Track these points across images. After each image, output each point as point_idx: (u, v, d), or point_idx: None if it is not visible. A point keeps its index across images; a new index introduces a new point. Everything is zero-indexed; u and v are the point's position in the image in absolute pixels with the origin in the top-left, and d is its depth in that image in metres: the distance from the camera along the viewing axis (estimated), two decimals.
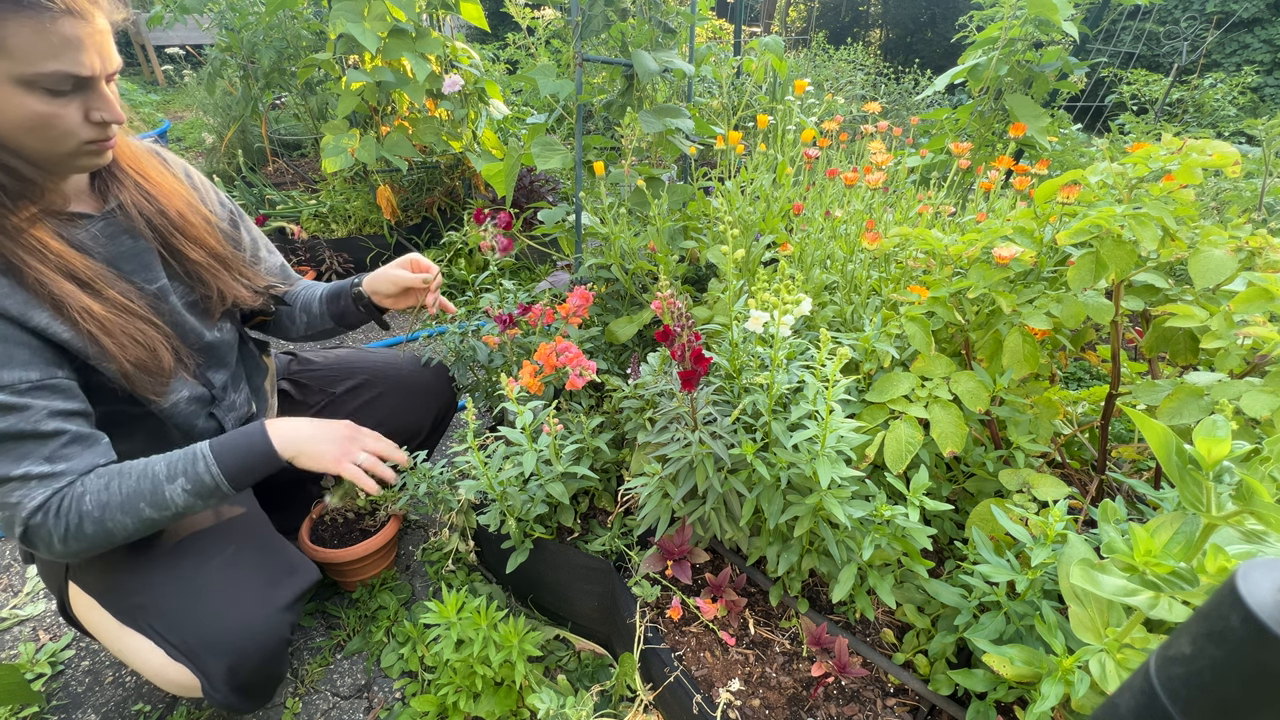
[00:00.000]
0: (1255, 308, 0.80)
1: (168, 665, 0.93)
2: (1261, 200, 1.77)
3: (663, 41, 1.58)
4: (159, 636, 0.93)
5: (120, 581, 0.96)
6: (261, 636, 0.94)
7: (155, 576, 0.95)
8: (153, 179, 0.99)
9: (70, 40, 0.73)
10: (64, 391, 0.84)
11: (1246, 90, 4.57)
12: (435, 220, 2.98)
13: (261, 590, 0.98)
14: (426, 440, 1.49)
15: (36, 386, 0.81)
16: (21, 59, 0.71)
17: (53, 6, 0.71)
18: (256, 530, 1.07)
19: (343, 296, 1.27)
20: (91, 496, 0.84)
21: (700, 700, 0.99)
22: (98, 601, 0.98)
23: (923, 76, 5.02)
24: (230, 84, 3.13)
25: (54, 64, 0.73)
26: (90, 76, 0.77)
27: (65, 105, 0.77)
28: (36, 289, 0.81)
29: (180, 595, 0.94)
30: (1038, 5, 1.95)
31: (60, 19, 0.72)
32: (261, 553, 1.04)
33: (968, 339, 1.11)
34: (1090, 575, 0.60)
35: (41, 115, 0.75)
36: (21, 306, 0.79)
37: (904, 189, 1.54)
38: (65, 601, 1.04)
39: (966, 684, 0.88)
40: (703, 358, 0.97)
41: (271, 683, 1.02)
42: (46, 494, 0.82)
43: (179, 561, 0.97)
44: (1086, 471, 1.24)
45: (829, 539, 0.97)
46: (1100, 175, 0.98)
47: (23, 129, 0.76)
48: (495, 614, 1.15)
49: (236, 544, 1.02)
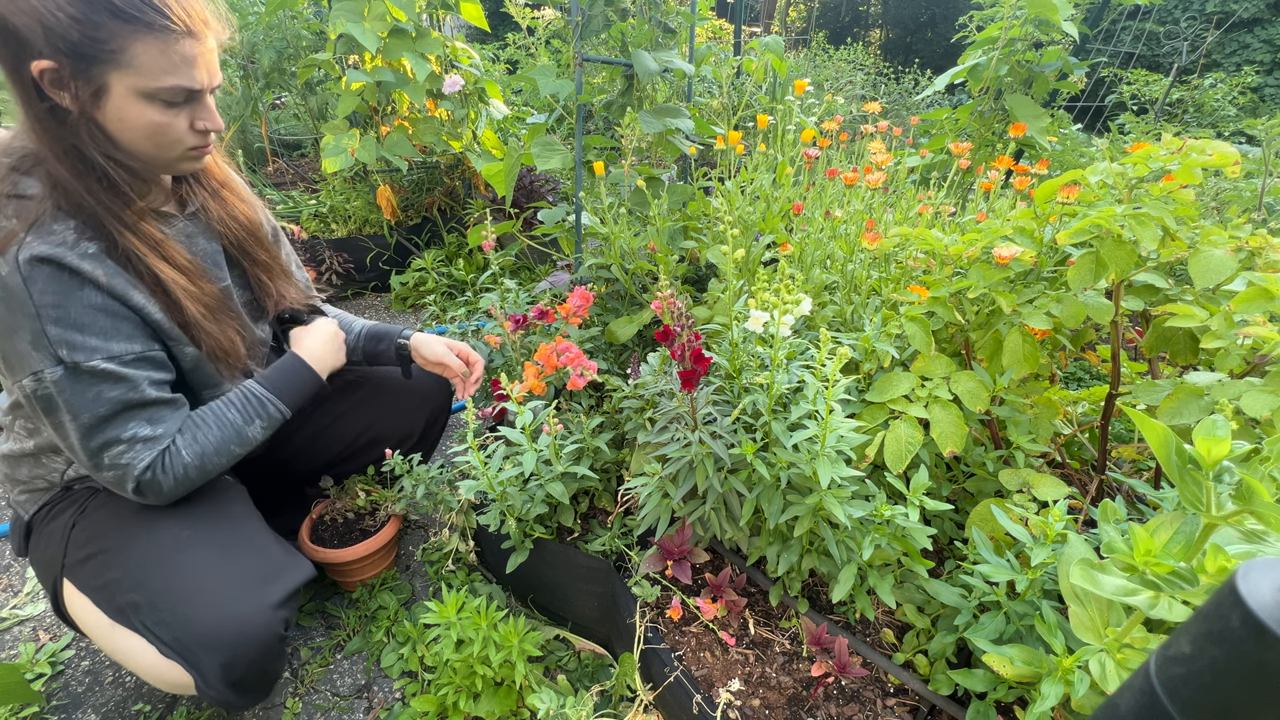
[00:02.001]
0: (1255, 308, 0.80)
1: (160, 662, 0.94)
2: (1261, 200, 1.77)
3: (663, 41, 1.58)
4: (151, 634, 0.94)
5: (113, 580, 0.97)
6: (255, 633, 0.95)
7: (148, 574, 0.96)
8: (230, 186, 1.12)
9: (188, 58, 0.84)
10: (160, 363, 0.95)
11: (1246, 90, 4.57)
12: (435, 220, 2.98)
13: (254, 587, 0.99)
14: (420, 443, 1.49)
15: (139, 359, 0.91)
16: (146, 74, 0.82)
17: (177, 28, 0.82)
18: (250, 529, 1.08)
19: (385, 341, 1.33)
20: (187, 450, 0.97)
21: (700, 700, 0.99)
22: (90, 600, 0.99)
23: (923, 76, 5.02)
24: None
25: (172, 79, 0.83)
26: (199, 90, 0.87)
27: (176, 115, 0.87)
28: (142, 272, 0.91)
29: (172, 593, 0.95)
30: (1038, 5, 1.95)
31: (181, 39, 0.82)
32: (254, 551, 1.05)
33: (968, 339, 1.11)
34: (1090, 575, 0.60)
35: (157, 124, 0.86)
36: (125, 287, 0.88)
37: (904, 189, 1.54)
38: (59, 598, 1.04)
39: (966, 684, 0.88)
40: (703, 357, 0.97)
41: (268, 679, 1.02)
42: (152, 455, 0.93)
43: (171, 558, 0.97)
44: (1086, 471, 1.24)
45: (829, 539, 0.97)
46: (1100, 175, 0.98)
47: (141, 135, 0.86)
48: (495, 614, 1.15)
49: (229, 543, 1.03)
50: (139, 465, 0.92)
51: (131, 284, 0.90)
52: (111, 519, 1.01)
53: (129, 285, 0.89)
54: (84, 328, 0.85)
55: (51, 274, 0.83)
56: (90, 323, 0.86)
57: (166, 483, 0.95)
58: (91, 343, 0.86)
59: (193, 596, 0.95)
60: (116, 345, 0.88)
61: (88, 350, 0.86)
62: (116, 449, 0.91)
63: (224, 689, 0.94)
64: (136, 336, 0.91)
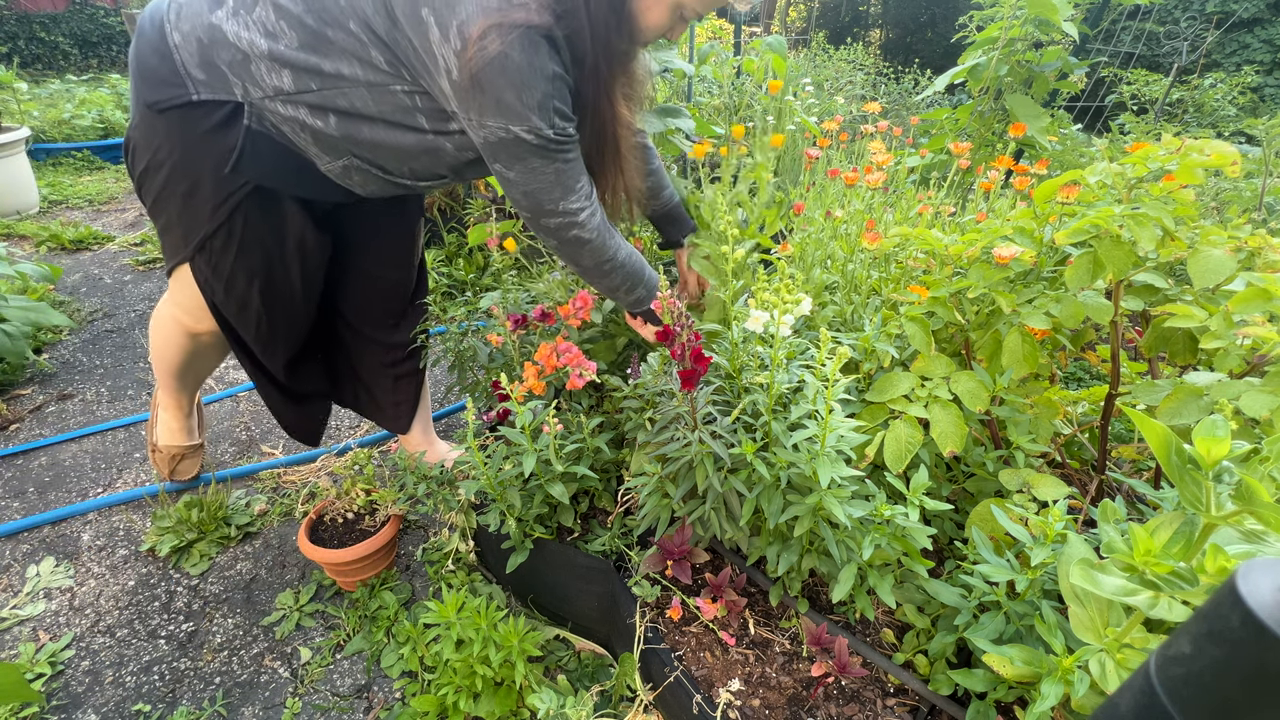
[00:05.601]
0: (1254, 308, 0.80)
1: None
2: (1261, 200, 1.77)
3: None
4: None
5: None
6: None
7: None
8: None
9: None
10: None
11: (1246, 90, 4.57)
12: (435, 220, 2.98)
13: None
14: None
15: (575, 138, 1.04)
16: (696, 5, 1.00)
17: None
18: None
19: (674, 226, 1.42)
20: (624, 253, 1.15)
21: (700, 700, 0.99)
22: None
23: (923, 76, 5.02)
24: None
25: (702, 8, 1.02)
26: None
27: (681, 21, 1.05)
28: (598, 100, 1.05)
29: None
30: (1038, 5, 1.95)
31: None
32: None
33: (968, 339, 1.11)
34: (1090, 575, 0.60)
35: (666, 26, 1.02)
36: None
37: (904, 189, 1.54)
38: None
39: (966, 684, 0.88)
40: (702, 357, 0.97)
41: None
42: (597, 216, 1.09)
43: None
44: (1086, 471, 1.24)
45: (829, 539, 0.97)
46: (1099, 175, 0.98)
47: (656, 31, 1.03)
48: (495, 614, 1.15)
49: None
50: (592, 222, 1.10)
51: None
52: None
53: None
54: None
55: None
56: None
57: (591, 251, 1.12)
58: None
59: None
60: (568, 125, 1.02)
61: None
62: (574, 197, 1.07)
63: None
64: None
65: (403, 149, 1.06)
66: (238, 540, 1.56)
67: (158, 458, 1.63)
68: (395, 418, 1.56)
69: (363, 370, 1.51)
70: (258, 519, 1.61)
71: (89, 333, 2.38)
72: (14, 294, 2.20)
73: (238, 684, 1.26)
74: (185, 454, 1.63)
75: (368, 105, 1.01)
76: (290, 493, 1.69)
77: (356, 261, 1.36)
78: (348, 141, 1.05)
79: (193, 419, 1.65)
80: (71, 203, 3.62)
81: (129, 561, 1.50)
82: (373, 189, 1.16)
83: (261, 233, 1.14)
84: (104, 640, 1.33)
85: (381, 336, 1.46)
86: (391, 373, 1.50)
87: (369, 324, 1.44)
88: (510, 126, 0.95)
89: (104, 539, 1.55)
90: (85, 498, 1.67)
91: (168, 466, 1.62)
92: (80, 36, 6.97)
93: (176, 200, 1.10)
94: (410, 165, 1.10)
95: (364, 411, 1.58)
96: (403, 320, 1.47)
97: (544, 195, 1.03)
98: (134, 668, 1.28)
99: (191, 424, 1.64)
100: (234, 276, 1.17)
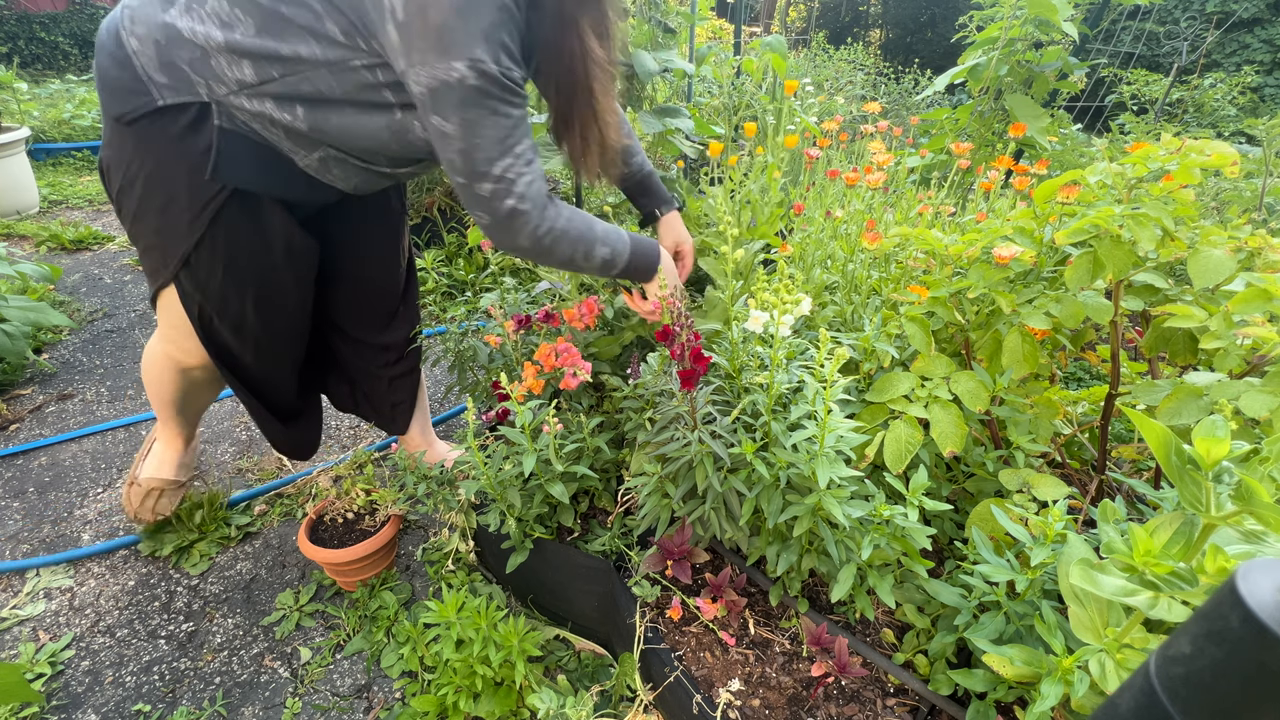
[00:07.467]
0: (1254, 308, 0.80)
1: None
2: (1261, 200, 1.77)
3: (663, 41, 1.58)
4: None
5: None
6: None
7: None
8: None
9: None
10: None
11: (1246, 90, 4.57)
12: (435, 220, 2.98)
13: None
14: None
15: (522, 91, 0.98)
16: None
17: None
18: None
19: (649, 198, 1.36)
20: (565, 219, 1.06)
21: (700, 700, 0.99)
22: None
23: (923, 76, 5.02)
24: None
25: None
26: None
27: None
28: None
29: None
30: (1038, 5, 1.95)
31: None
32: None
33: (968, 339, 1.11)
34: (1090, 575, 0.60)
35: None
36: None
37: (904, 189, 1.54)
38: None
39: (966, 684, 0.88)
40: (702, 357, 0.97)
41: None
42: (536, 185, 1.01)
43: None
44: (1086, 471, 1.24)
45: (828, 539, 0.97)
46: (1099, 175, 0.98)
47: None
48: (495, 614, 1.15)
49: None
50: (525, 189, 1.02)
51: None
52: None
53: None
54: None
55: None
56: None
57: (531, 224, 1.03)
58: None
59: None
60: (516, 71, 0.96)
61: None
62: (511, 159, 1.00)
63: None
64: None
65: (373, 133, 1.03)
66: (238, 540, 1.56)
67: (133, 492, 1.48)
68: (393, 419, 1.55)
69: (357, 374, 1.49)
70: (258, 519, 1.61)
71: (89, 333, 2.39)
72: (14, 294, 2.20)
73: (238, 684, 1.26)
74: (165, 489, 1.50)
75: (331, 88, 0.97)
76: (290, 493, 1.69)
77: (343, 265, 1.33)
78: (317, 133, 1.02)
79: (189, 454, 1.56)
80: (71, 203, 3.62)
81: (129, 561, 1.50)
82: (355, 182, 1.13)
83: (247, 241, 1.10)
84: (104, 640, 1.33)
85: (374, 339, 1.44)
86: (386, 374, 1.48)
87: (360, 327, 1.42)
88: (453, 63, 0.88)
89: (104, 539, 1.55)
90: (85, 497, 1.67)
91: (142, 502, 1.48)
92: (80, 36, 6.96)
93: (153, 216, 1.06)
94: (385, 150, 1.07)
95: (361, 414, 1.57)
96: (394, 321, 1.45)
97: (479, 154, 0.96)
98: (134, 668, 1.28)
99: (186, 459, 1.55)
100: (226, 296, 1.13)
